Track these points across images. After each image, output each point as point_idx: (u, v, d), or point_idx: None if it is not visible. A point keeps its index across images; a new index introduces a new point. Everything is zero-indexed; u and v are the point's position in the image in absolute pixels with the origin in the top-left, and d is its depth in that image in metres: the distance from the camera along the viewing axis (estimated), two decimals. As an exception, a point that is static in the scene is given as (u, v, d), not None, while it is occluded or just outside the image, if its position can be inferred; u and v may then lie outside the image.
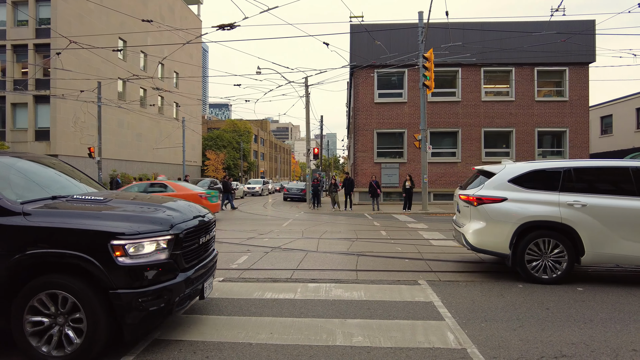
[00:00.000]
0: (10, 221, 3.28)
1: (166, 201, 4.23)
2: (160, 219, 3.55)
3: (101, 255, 3.16)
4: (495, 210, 5.89)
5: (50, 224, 3.27)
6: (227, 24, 11.47)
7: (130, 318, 3.21)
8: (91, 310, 3.16)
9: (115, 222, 3.33)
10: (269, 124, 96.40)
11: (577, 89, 22.71)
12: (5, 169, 3.87)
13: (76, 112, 28.53)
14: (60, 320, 3.23)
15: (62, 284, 3.18)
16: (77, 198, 3.92)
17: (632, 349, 3.59)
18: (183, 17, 45.87)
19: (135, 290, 3.21)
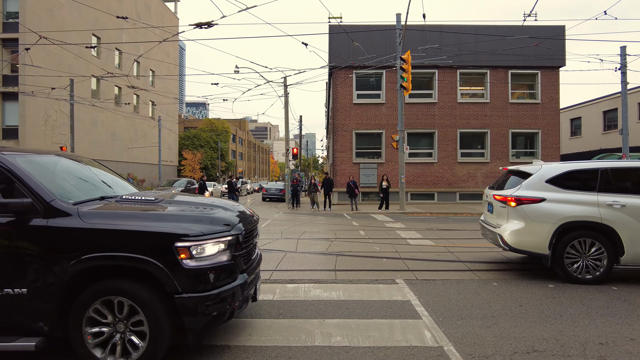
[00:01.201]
0: (66, 223, 3.09)
1: (213, 201, 4.09)
2: (221, 219, 3.41)
3: (166, 257, 3.02)
4: (534, 211, 5.91)
5: (109, 226, 3.09)
6: (205, 22, 11.33)
7: (195, 323, 3.08)
8: (154, 316, 3.01)
9: (176, 223, 3.18)
10: (248, 124, 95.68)
11: (549, 91, 23.42)
12: (52, 169, 3.69)
13: (47, 110, 27.61)
14: (121, 327, 3.09)
15: (122, 290, 3.03)
16: (127, 198, 3.74)
17: (599, 343, 3.74)
18: (159, 14, 45.02)
19: (201, 294, 3.08)
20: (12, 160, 3.33)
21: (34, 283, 3.04)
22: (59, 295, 3.02)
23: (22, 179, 3.22)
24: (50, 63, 26.64)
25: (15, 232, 3.10)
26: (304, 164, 62.13)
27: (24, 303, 3.04)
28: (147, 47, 33.70)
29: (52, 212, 3.12)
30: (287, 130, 25.63)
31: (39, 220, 3.10)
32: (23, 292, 3.03)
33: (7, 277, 3.04)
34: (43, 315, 3.06)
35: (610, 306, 4.79)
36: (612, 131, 27.59)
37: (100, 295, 3.05)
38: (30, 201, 3.11)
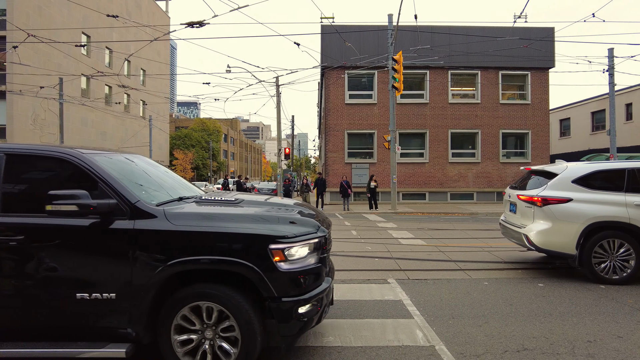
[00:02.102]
0: (154, 225, 2.96)
1: (285, 201, 4.00)
2: (307, 220, 3.30)
3: (261, 260, 2.90)
4: (561, 211, 5.91)
5: (200, 228, 2.97)
6: (197, 21, 11.27)
7: (288, 328, 2.98)
8: (246, 322, 2.90)
9: (268, 224, 3.07)
10: (239, 123, 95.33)
11: (538, 92, 23.68)
12: (126, 168, 3.54)
13: (35, 109, 27.25)
14: (209, 334, 2.98)
15: (213, 295, 2.92)
16: (206, 199, 3.62)
17: (587, 340, 3.79)
18: (150, 13, 44.66)
19: (295, 298, 2.97)
20: (92, 159, 3.21)
21: (122, 287, 2.92)
22: (148, 300, 2.91)
23: (106, 179, 3.10)
24: (38, 61, 26.30)
25: (101, 235, 2.99)
26: (296, 164, 62.09)
27: (112, 308, 2.94)
28: (137, 46, 33.42)
29: (138, 213, 3.01)
30: (279, 130, 25.59)
31: (125, 222, 2.98)
32: (112, 296, 2.92)
33: (95, 281, 2.94)
34: (131, 320, 2.95)
35: (598, 304, 4.86)
36: (600, 132, 27.99)
37: (189, 300, 2.94)
38: (116, 202, 3.00)
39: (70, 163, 3.16)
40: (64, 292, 2.94)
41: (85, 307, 2.94)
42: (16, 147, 3.25)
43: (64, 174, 3.25)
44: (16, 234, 2.96)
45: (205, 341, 2.97)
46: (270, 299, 2.93)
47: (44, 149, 3.25)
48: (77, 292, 2.92)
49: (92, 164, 3.17)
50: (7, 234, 2.97)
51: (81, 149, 3.31)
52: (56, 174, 3.28)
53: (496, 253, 7.99)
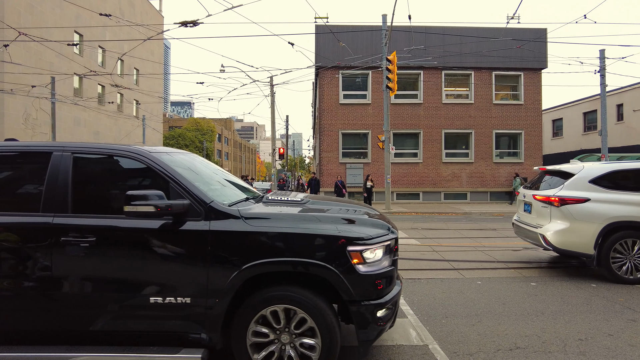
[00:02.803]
0: (231, 226, 2.87)
1: (346, 201, 3.92)
2: (378, 222, 3.19)
3: (340, 263, 2.82)
4: (579, 211, 5.93)
5: (278, 229, 2.88)
6: (190, 21, 11.24)
7: (367, 332, 2.91)
8: (326, 325, 2.82)
9: (343, 225, 2.99)
10: (233, 123, 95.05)
11: (531, 93, 23.85)
12: (192, 167, 3.41)
13: (27, 109, 26.98)
14: (286, 338, 2.90)
15: (291, 298, 2.84)
16: (273, 199, 3.54)
17: (579, 339, 3.84)
18: (144, 12, 44.39)
19: (374, 301, 2.89)
20: (160, 158, 3.13)
21: (198, 291, 2.84)
22: (224, 304, 2.82)
23: (178, 179, 3.02)
24: (30, 60, 26.04)
25: (174, 236, 2.90)
26: (291, 164, 62.05)
27: (187, 312, 2.86)
28: (131, 46, 33.23)
29: (213, 214, 2.92)
30: (274, 130, 25.56)
31: (199, 223, 2.89)
32: (186, 301, 2.84)
33: (169, 284, 2.86)
34: (206, 325, 2.86)
35: (589, 303, 4.92)
36: (592, 132, 28.26)
37: (266, 304, 2.85)
38: (189, 202, 2.91)
39: (140, 162, 3.08)
40: (137, 296, 2.87)
41: (159, 311, 2.86)
42: (84, 147, 3.18)
43: (134, 174, 3.19)
44: (87, 235, 2.89)
45: (283, 346, 2.90)
46: (350, 302, 2.86)
47: (113, 147, 3.17)
48: (150, 296, 2.85)
49: (162, 163, 3.09)
50: (78, 236, 2.89)
51: (146, 148, 3.23)
52: (126, 173, 3.21)
53: (489, 253, 8.05)
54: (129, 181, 3.22)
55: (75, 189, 3.03)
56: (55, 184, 3.01)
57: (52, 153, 3.10)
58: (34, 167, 3.17)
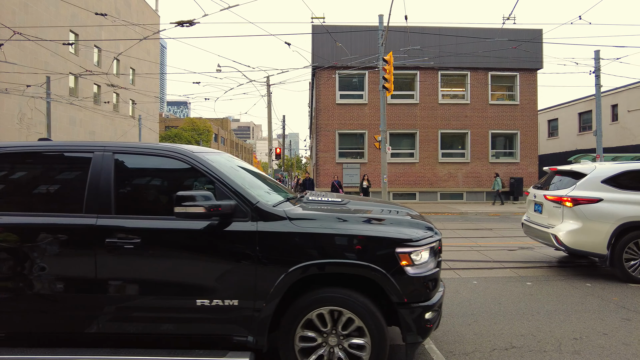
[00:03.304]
0: (278, 227, 2.83)
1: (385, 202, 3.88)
2: (423, 223, 3.14)
3: (389, 265, 2.79)
4: (592, 211, 5.93)
5: (328, 230, 2.83)
6: (187, 20, 11.21)
7: (415, 335, 2.88)
8: (377, 328, 2.79)
9: (390, 227, 2.96)
10: (230, 123, 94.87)
11: (527, 93, 23.96)
12: (233, 167, 3.33)
13: (22, 108, 26.83)
14: (334, 341, 2.86)
15: (340, 300, 2.81)
16: (313, 200, 3.50)
17: (573, 338, 3.86)
18: (140, 11, 44.24)
19: (423, 303, 2.87)
20: (205, 158, 3.09)
21: (245, 294, 2.80)
22: (272, 306, 2.79)
23: (223, 179, 2.98)
24: (25, 60, 25.89)
25: (221, 237, 2.86)
26: (287, 164, 62.03)
27: (234, 315, 2.82)
28: (127, 45, 33.12)
29: (260, 215, 2.88)
30: (270, 130, 25.55)
31: (246, 224, 2.85)
32: (234, 303, 2.81)
33: (216, 286, 2.82)
34: (253, 328, 2.82)
35: (584, 302, 4.95)
36: (587, 132, 28.42)
37: (315, 305, 2.82)
38: (235, 203, 2.87)
39: (184, 162, 3.04)
40: (184, 298, 2.83)
41: (205, 314, 2.83)
42: (125, 146, 3.15)
43: (177, 174, 3.15)
44: (132, 237, 2.85)
45: (331, 348, 2.87)
46: (399, 304, 2.83)
47: (156, 147, 3.13)
48: (197, 298, 2.81)
49: (207, 163, 3.05)
50: (123, 238, 2.85)
51: (188, 147, 3.18)
52: (169, 174, 3.17)
53: (485, 252, 8.08)
54: (173, 182, 3.18)
55: (117, 189, 2.99)
56: (98, 185, 2.96)
57: (93, 153, 3.07)
58: (75, 167, 3.13)
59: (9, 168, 3.12)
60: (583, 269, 6.73)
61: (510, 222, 14.03)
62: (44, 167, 3.17)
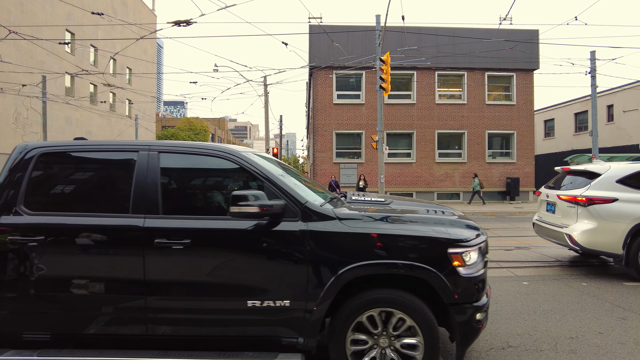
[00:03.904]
0: (329, 227, 2.79)
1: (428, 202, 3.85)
2: (470, 223, 3.10)
3: (442, 265, 2.77)
4: (607, 211, 5.92)
5: (378, 230, 2.80)
6: (183, 20, 11.19)
7: (466, 336, 2.87)
8: (429, 329, 2.77)
9: (441, 227, 2.93)
10: (227, 123, 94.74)
11: (523, 93, 24.04)
12: (277, 167, 3.27)
13: (17, 108, 26.69)
14: (385, 342, 2.82)
15: (392, 301, 2.77)
16: (356, 200, 3.47)
17: (570, 337, 3.88)
18: (137, 11, 44.10)
19: (474, 304, 2.84)
20: (251, 158, 3.05)
21: (297, 294, 2.77)
22: (324, 307, 2.75)
23: (272, 179, 2.94)
24: (20, 59, 25.76)
25: (271, 237, 2.82)
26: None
27: (285, 316, 2.79)
28: (123, 45, 32.98)
29: (310, 215, 2.85)
30: (267, 130, 25.53)
31: (296, 224, 2.82)
32: (285, 304, 2.77)
33: (268, 287, 2.78)
34: (304, 330, 2.79)
35: (580, 302, 4.97)
36: (583, 132, 28.55)
37: (368, 307, 2.78)
38: (285, 203, 2.83)
39: (232, 162, 3.00)
40: (234, 299, 2.80)
41: (255, 315, 2.80)
42: (171, 145, 3.11)
43: (225, 174, 3.13)
44: (182, 237, 2.80)
45: (383, 350, 2.83)
46: (451, 305, 2.81)
47: (202, 146, 3.09)
48: (248, 299, 2.78)
49: (255, 163, 3.02)
50: (173, 238, 2.80)
51: (234, 147, 3.15)
52: (216, 173, 3.14)
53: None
54: (220, 181, 3.16)
55: (164, 189, 2.95)
56: (144, 185, 2.92)
57: (138, 152, 3.02)
58: (120, 166, 3.09)
59: (52, 167, 3.08)
60: (579, 269, 6.77)
61: (506, 222, 14.08)
62: (87, 167, 3.13)
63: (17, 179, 2.96)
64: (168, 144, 3.12)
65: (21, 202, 2.91)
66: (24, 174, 2.96)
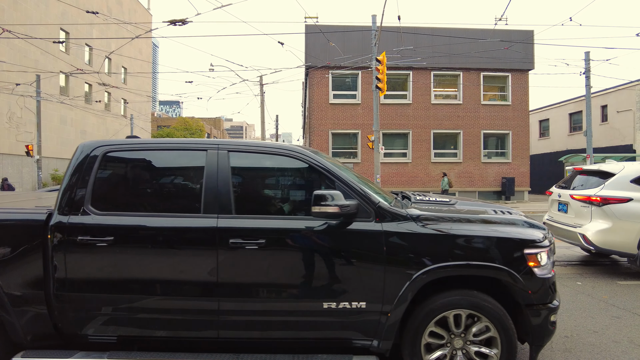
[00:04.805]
0: (406, 228, 2.76)
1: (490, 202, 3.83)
2: (538, 224, 3.05)
3: (518, 266, 2.73)
4: (622, 211, 5.91)
5: (454, 231, 2.77)
6: (179, 19, 11.15)
7: (541, 339, 2.84)
8: (506, 331, 2.72)
9: (514, 227, 2.91)
10: (223, 122, 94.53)
11: (519, 94, 24.16)
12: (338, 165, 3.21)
13: (11, 107, 26.49)
14: (459, 343, 2.78)
15: (469, 302, 2.73)
16: (422, 200, 3.43)
17: (564, 336, 3.90)
18: (132, 10, 43.91)
19: (549, 305, 2.82)
20: (322, 158, 3.03)
21: (374, 296, 2.72)
22: (402, 310, 2.71)
23: (344, 179, 2.91)
24: (14, 58, 25.58)
25: (348, 238, 2.78)
26: (280, 163, 61.82)
27: (360, 318, 2.75)
28: (119, 44, 32.82)
29: (383, 215, 2.81)
30: (263, 130, 25.52)
31: (371, 224, 2.78)
32: (362, 306, 2.73)
33: (344, 289, 2.74)
34: (379, 331, 2.75)
35: (575, 300, 5.00)
36: (578, 132, 28.71)
37: (443, 309, 2.74)
38: (358, 203, 2.78)
39: (302, 162, 2.97)
40: (310, 301, 2.76)
41: (330, 317, 2.76)
42: (240, 144, 3.07)
43: (295, 174, 3.11)
44: (257, 237, 2.76)
45: (454, 350, 2.80)
46: (528, 306, 2.78)
47: (273, 146, 3.06)
48: (324, 301, 2.74)
49: (325, 163, 2.99)
50: (248, 238, 2.75)
51: (304, 147, 3.13)
52: (286, 173, 3.12)
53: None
54: (291, 181, 3.14)
55: (235, 188, 2.91)
56: (215, 184, 2.86)
57: (207, 151, 2.95)
58: (189, 165, 3.05)
59: (117, 166, 3.03)
60: (573, 268, 6.81)
61: (502, 221, 14.10)
62: (154, 166, 3.07)
63: (83, 179, 2.89)
64: (236, 142, 3.08)
65: (88, 202, 2.85)
66: (89, 173, 2.90)
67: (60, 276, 2.75)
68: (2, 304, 2.73)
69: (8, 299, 2.73)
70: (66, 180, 2.90)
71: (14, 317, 2.74)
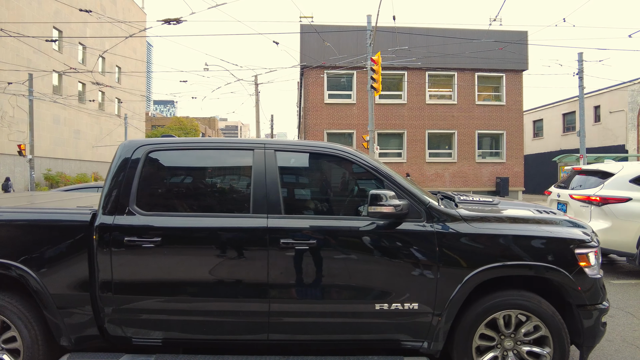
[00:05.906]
0: (458, 228, 2.72)
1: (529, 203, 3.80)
2: (583, 224, 3.03)
3: (570, 266, 2.71)
4: (621, 210, 5.92)
5: (506, 231, 2.73)
6: (173, 18, 11.10)
7: (593, 340, 2.80)
8: (557, 330, 2.69)
9: (564, 227, 2.88)
10: (218, 122, 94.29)
11: (513, 94, 24.29)
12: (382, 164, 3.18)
13: (3, 106, 26.25)
14: (509, 344, 2.74)
15: (519, 303, 2.69)
16: (466, 200, 3.39)
17: (559, 336, 3.91)
18: (126, 9, 43.66)
19: (600, 306, 2.78)
20: (368, 158, 2.98)
21: (426, 298, 2.68)
22: (454, 311, 2.68)
23: (394, 178, 2.86)
24: (6, 56, 25.36)
25: (400, 238, 2.74)
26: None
27: (413, 320, 2.71)
28: (112, 43, 32.62)
29: (434, 215, 2.77)
30: (258, 129, 25.46)
31: (423, 225, 2.74)
32: (414, 307, 2.69)
33: (396, 290, 2.71)
34: (430, 333, 2.72)
35: (568, 300, 5.02)
36: (571, 133, 28.92)
37: (494, 310, 2.70)
38: (408, 203, 2.74)
39: (349, 161, 2.94)
40: (362, 302, 2.73)
41: (382, 319, 2.73)
42: (287, 143, 3.05)
43: (342, 173, 3.08)
44: (309, 238, 2.71)
45: (505, 351, 2.77)
46: (580, 307, 2.75)
47: (319, 145, 3.03)
48: (376, 302, 2.71)
49: (373, 162, 2.94)
50: (299, 239, 2.71)
51: (348, 147, 3.09)
52: (334, 172, 3.09)
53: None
54: (337, 180, 3.10)
55: (283, 188, 2.88)
56: (264, 183, 2.81)
57: (254, 150, 2.89)
58: (236, 165, 3.03)
59: (162, 165, 2.98)
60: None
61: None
62: (199, 165, 3.03)
63: (127, 178, 2.83)
64: (283, 142, 3.05)
65: (133, 202, 2.79)
66: (134, 172, 2.84)
67: (105, 277, 2.70)
68: (48, 306, 2.68)
69: (53, 300, 2.68)
70: (109, 180, 2.86)
71: (60, 319, 2.70)
